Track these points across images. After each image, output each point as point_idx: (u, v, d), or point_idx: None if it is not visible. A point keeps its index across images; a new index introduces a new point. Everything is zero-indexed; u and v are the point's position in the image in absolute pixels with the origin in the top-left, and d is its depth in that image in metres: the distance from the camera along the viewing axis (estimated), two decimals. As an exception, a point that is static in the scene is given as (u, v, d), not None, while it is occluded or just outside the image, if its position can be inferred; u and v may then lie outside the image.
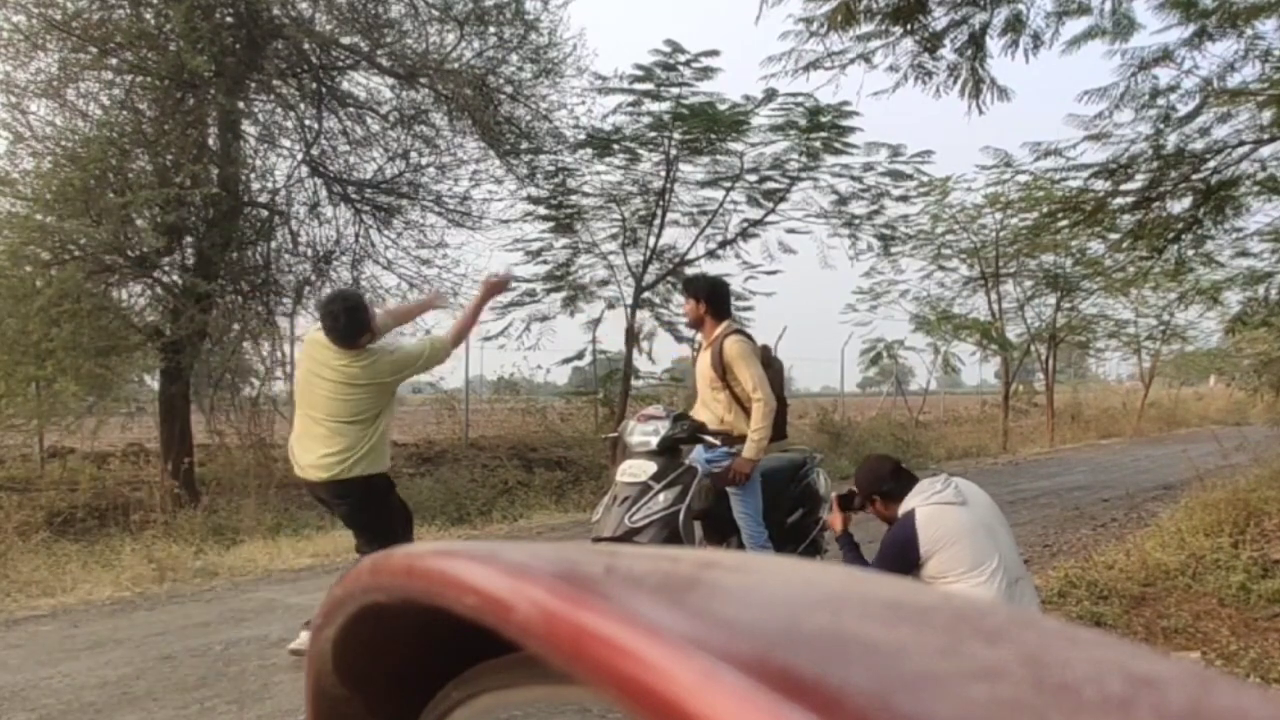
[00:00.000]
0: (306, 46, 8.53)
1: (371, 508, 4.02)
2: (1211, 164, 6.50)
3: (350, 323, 3.90)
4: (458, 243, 20.83)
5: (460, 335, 4.40)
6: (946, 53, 5.86)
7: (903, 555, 3.01)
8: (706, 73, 10.01)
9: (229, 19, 8.06)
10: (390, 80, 9.30)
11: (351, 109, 9.53)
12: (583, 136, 10.41)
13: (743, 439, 4.04)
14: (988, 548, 2.97)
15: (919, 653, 0.27)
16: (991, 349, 17.61)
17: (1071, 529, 7.58)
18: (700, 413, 4.23)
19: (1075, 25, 6.11)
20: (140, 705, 3.51)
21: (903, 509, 3.12)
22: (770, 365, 4.26)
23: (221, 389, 9.22)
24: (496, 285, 4.59)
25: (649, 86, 10.08)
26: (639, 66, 9.98)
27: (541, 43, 9.70)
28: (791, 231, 11.85)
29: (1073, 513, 8.53)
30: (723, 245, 11.56)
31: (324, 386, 3.93)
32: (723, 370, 4.09)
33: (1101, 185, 7.03)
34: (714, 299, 4.25)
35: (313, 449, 3.93)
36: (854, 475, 3.48)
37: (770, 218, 11.55)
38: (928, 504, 3.06)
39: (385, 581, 0.40)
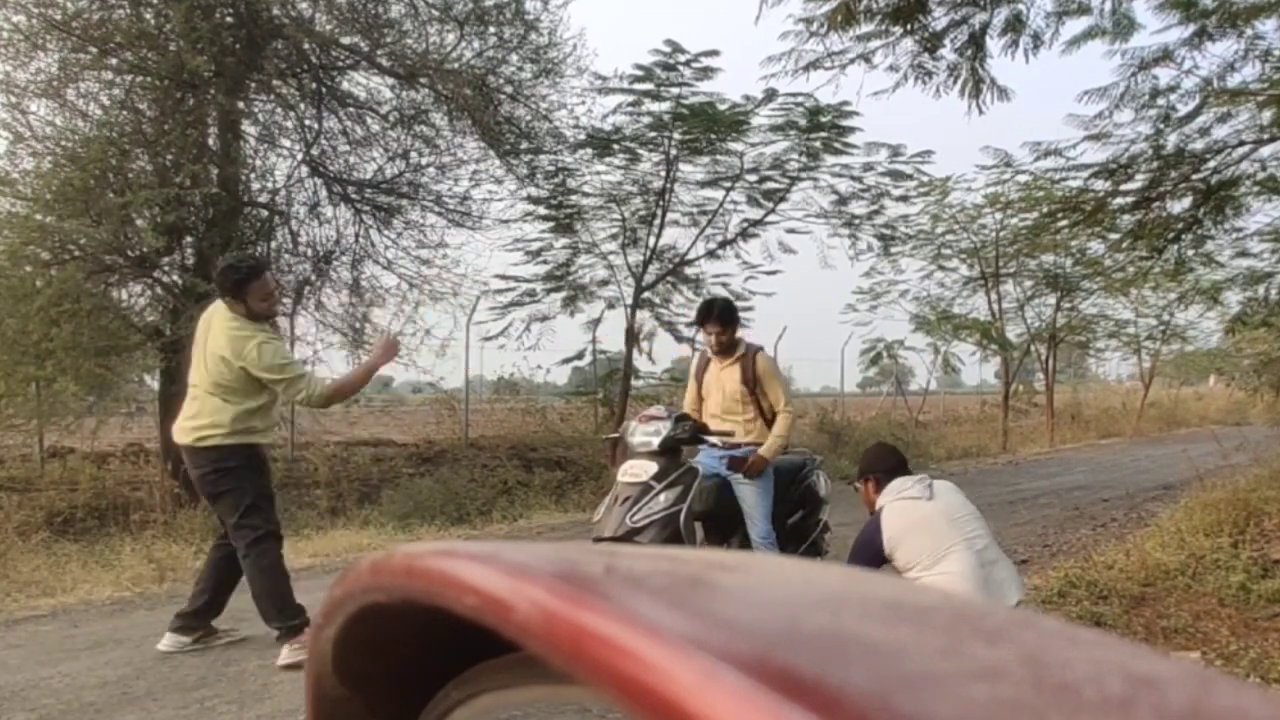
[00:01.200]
0: (306, 46, 8.53)
1: (224, 480, 3.97)
2: (1211, 164, 6.50)
3: (221, 277, 4.02)
4: (458, 243, 20.82)
5: (338, 394, 4.21)
6: (946, 53, 5.87)
7: (870, 547, 3.32)
8: (706, 73, 10.02)
9: (229, 19, 8.06)
10: (390, 80, 9.30)
11: (351, 109, 9.53)
12: (583, 136, 10.40)
13: (749, 443, 4.24)
14: (950, 535, 3.20)
15: (919, 653, 0.27)
16: (991, 349, 17.61)
17: (1071, 529, 7.58)
18: (718, 425, 4.33)
19: (1075, 25, 6.12)
20: (140, 705, 3.51)
21: (879, 503, 3.41)
22: None
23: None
24: (391, 349, 4.39)
25: (649, 86, 10.08)
26: (639, 66, 9.99)
27: (541, 43, 9.70)
28: (791, 231, 11.87)
29: (1073, 513, 8.53)
30: (723, 245, 11.56)
31: (201, 349, 4.03)
32: (753, 384, 4.28)
33: (1101, 185, 7.03)
34: (738, 321, 4.52)
35: (182, 411, 4.04)
36: (863, 453, 3.79)
37: (770, 218, 11.56)
38: (894, 501, 3.35)
39: (385, 581, 0.40)
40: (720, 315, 4.37)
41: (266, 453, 4.25)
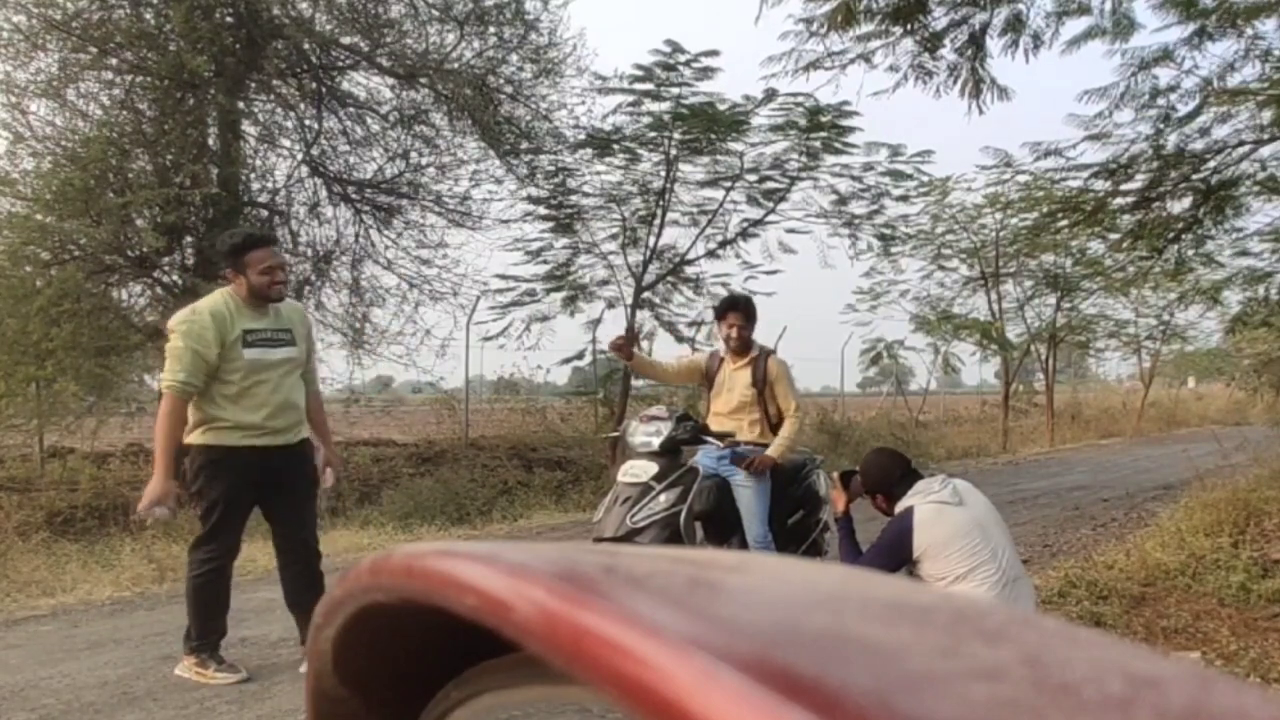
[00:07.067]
0: (306, 46, 8.53)
1: (192, 484, 3.72)
2: (1211, 164, 6.50)
3: (221, 245, 3.89)
4: (458, 243, 20.81)
5: (158, 423, 3.69)
6: (946, 53, 5.87)
7: (896, 549, 3.07)
8: (706, 73, 10.01)
9: (229, 19, 8.06)
10: (390, 80, 9.30)
11: (351, 109, 9.53)
12: (583, 136, 10.40)
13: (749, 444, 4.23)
14: (983, 548, 3.01)
15: (919, 653, 0.27)
16: (991, 349, 17.60)
17: (1071, 529, 7.58)
18: (723, 426, 4.33)
19: (1075, 25, 6.12)
20: (140, 705, 3.51)
21: (900, 506, 3.16)
22: None
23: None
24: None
25: (649, 86, 10.07)
26: (639, 66, 9.98)
27: (541, 43, 9.71)
28: (791, 231, 11.84)
29: (1073, 513, 8.53)
30: (723, 245, 11.54)
31: None
32: (762, 386, 4.29)
33: (1101, 185, 7.03)
34: (756, 321, 4.50)
35: None
36: (861, 465, 3.43)
37: (770, 218, 11.54)
38: (926, 502, 3.10)
39: (385, 581, 0.40)
40: (745, 308, 4.43)
41: (261, 455, 3.70)
